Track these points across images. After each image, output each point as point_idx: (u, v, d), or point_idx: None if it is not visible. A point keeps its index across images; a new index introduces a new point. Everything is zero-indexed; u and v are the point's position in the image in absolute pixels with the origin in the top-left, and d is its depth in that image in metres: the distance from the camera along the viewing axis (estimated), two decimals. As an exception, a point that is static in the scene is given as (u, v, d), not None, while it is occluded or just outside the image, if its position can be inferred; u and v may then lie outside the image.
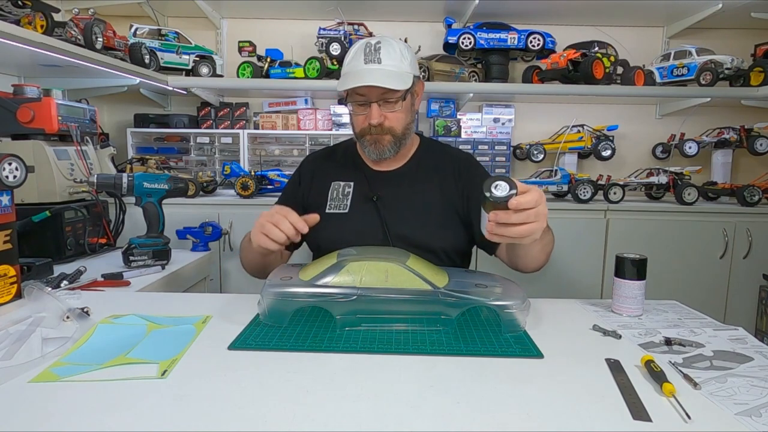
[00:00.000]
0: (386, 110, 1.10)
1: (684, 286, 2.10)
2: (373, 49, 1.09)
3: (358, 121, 1.14)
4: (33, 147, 1.37)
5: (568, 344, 0.79)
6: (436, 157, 1.25)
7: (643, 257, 0.93)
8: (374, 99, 1.09)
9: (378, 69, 1.07)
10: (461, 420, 0.56)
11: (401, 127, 1.14)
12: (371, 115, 1.09)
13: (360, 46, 1.11)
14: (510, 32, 2.35)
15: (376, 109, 1.09)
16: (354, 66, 1.10)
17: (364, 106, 1.11)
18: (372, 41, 1.10)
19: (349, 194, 1.19)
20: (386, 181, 1.19)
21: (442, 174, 1.21)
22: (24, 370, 0.66)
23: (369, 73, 1.06)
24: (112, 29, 1.91)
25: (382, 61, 1.08)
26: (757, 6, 2.19)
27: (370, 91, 1.08)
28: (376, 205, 1.16)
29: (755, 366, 0.71)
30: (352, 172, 1.22)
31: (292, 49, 2.44)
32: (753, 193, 2.16)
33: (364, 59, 1.09)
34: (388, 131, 1.12)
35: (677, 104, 2.47)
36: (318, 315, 0.87)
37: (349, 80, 1.08)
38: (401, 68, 1.09)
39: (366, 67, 1.08)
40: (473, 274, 0.94)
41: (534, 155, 2.39)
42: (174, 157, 2.39)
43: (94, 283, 1.11)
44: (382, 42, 1.10)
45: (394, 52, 1.10)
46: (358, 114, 1.13)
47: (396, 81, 1.07)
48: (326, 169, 1.25)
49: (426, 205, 1.17)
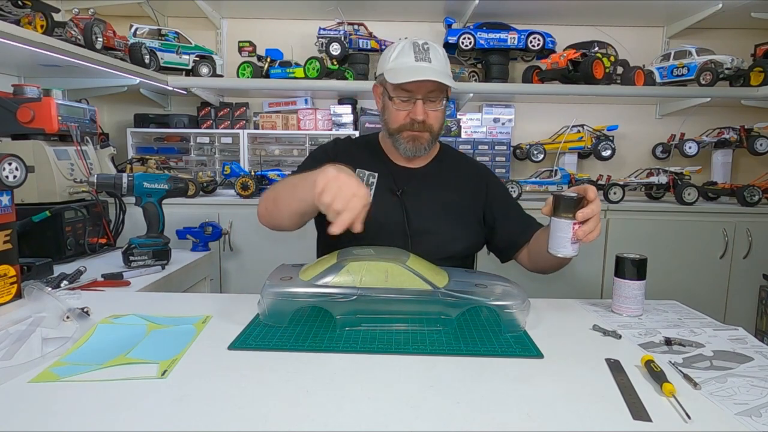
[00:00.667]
0: (429, 108, 1.13)
1: (684, 286, 2.10)
2: (422, 48, 1.12)
3: (398, 117, 1.15)
4: (33, 147, 1.37)
5: (568, 344, 0.79)
6: (456, 162, 1.29)
7: (643, 257, 0.93)
8: (420, 96, 1.11)
9: (429, 67, 1.10)
10: (461, 420, 0.56)
11: (439, 125, 1.17)
12: (416, 111, 1.11)
13: (407, 44, 1.13)
14: (510, 32, 2.35)
15: (421, 105, 1.11)
16: (405, 62, 1.12)
17: (407, 103, 1.13)
18: (419, 41, 1.13)
19: (373, 184, 1.20)
20: (410, 178, 1.22)
21: (463, 178, 1.26)
22: (24, 370, 0.66)
23: (423, 70, 1.09)
24: (112, 29, 1.91)
25: (432, 60, 1.11)
26: (757, 6, 2.19)
27: (419, 88, 1.10)
28: (401, 198, 1.18)
29: (755, 366, 0.71)
30: (377, 164, 1.23)
31: (292, 49, 2.43)
32: (753, 193, 2.16)
33: (415, 57, 1.11)
34: (428, 129, 1.15)
35: (677, 104, 2.47)
36: (318, 315, 0.87)
37: (403, 74, 1.09)
38: (446, 70, 1.14)
39: (418, 65, 1.10)
40: (473, 274, 0.94)
41: (534, 155, 2.39)
42: (174, 157, 2.39)
43: (94, 283, 1.11)
44: (429, 44, 1.13)
45: (440, 54, 1.14)
46: (401, 109, 1.14)
47: (448, 79, 1.10)
48: (352, 154, 1.25)
49: (446, 204, 1.20)
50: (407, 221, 1.16)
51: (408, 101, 1.13)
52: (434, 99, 1.12)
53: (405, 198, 1.18)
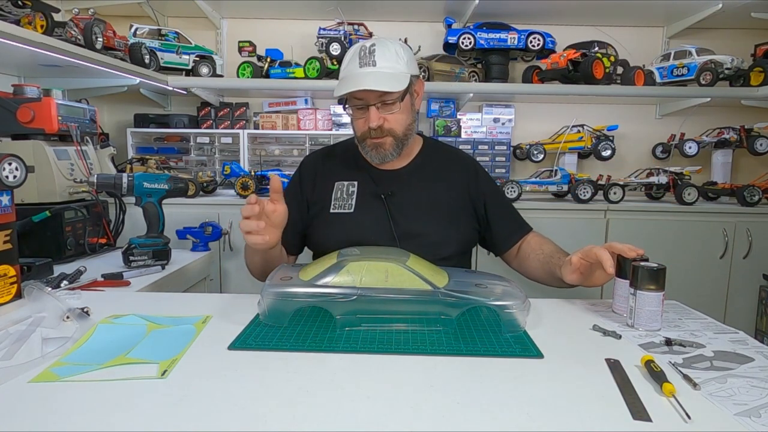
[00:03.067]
0: (385, 112, 1.10)
1: (684, 286, 2.09)
2: (368, 52, 1.09)
3: (358, 125, 1.14)
4: (33, 147, 1.37)
5: (568, 344, 0.79)
6: (440, 157, 1.25)
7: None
8: (372, 102, 1.08)
9: (373, 72, 1.07)
10: (461, 420, 0.56)
11: (401, 128, 1.13)
12: (370, 118, 1.09)
13: (355, 50, 1.11)
14: (510, 32, 2.35)
15: (374, 112, 1.09)
16: (350, 70, 1.10)
17: (362, 110, 1.11)
18: (367, 44, 1.10)
19: (353, 194, 1.18)
20: (392, 180, 1.19)
21: (449, 173, 1.22)
22: (24, 370, 0.66)
23: (364, 77, 1.06)
24: (112, 29, 1.91)
25: (377, 63, 1.07)
26: (757, 6, 2.19)
27: (367, 95, 1.08)
28: (385, 202, 1.15)
29: (755, 366, 0.71)
30: (355, 172, 1.22)
31: (292, 49, 2.43)
32: (753, 193, 2.16)
33: (359, 63, 1.08)
34: (389, 133, 1.12)
35: (677, 104, 2.47)
36: (318, 315, 0.87)
37: (344, 85, 1.08)
38: (397, 69, 1.09)
39: (361, 71, 1.08)
40: (473, 274, 0.94)
41: (534, 155, 2.39)
42: (174, 157, 2.39)
43: (94, 283, 1.11)
44: (377, 44, 1.10)
45: (389, 53, 1.09)
46: (358, 118, 1.13)
47: (391, 83, 1.06)
48: (328, 168, 1.25)
49: (433, 202, 1.17)
50: (393, 225, 1.13)
51: (363, 108, 1.11)
52: (389, 102, 1.09)
53: (389, 201, 1.16)
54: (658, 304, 0.85)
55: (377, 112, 1.09)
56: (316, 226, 1.20)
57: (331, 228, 1.15)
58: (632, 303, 0.87)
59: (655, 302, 0.84)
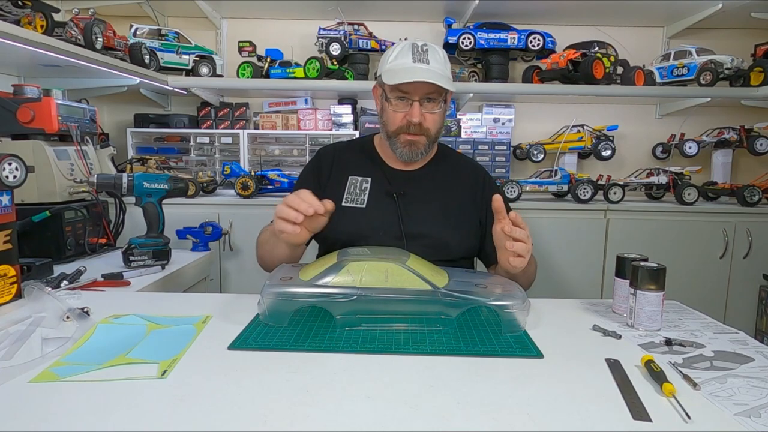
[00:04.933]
0: (426, 111, 1.12)
1: (684, 286, 2.09)
2: (421, 50, 1.11)
3: (395, 119, 1.14)
4: (33, 147, 1.37)
5: (568, 344, 0.79)
6: (453, 163, 1.28)
7: (644, 258, 0.92)
8: (417, 98, 1.10)
9: (427, 69, 1.09)
10: (461, 420, 0.56)
11: (436, 129, 1.15)
12: (413, 113, 1.10)
13: (406, 45, 1.13)
14: (510, 32, 2.35)
15: (418, 107, 1.10)
16: (402, 63, 1.11)
17: (404, 104, 1.12)
18: (418, 42, 1.13)
19: (366, 189, 1.19)
20: (406, 180, 1.21)
21: (460, 179, 1.24)
22: (24, 370, 0.66)
23: (420, 71, 1.08)
24: (112, 29, 1.90)
25: (430, 62, 1.10)
26: (757, 6, 2.19)
27: (416, 89, 1.09)
28: (396, 201, 1.16)
29: (756, 367, 0.71)
30: (370, 168, 1.23)
31: (292, 49, 2.43)
32: (753, 193, 2.16)
33: (413, 58, 1.10)
34: (425, 132, 1.13)
35: (677, 104, 2.47)
36: (318, 315, 0.87)
37: (400, 75, 1.08)
38: (445, 72, 1.12)
39: (415, 65, 1.10)
40: (473, 274, 0.94)
41: (534, 155, 2.39)
42: (174, 157, 2.39)
43: (94, 283, 1.11)
44: (429, 46, 1.13)
45: (439, 56, 1.13)
46: (398, 111, 1.13)
47: (445, 82, 1.08)
48: (345, 161, 1.25)
49: (443, 206, 1.19)
50: (402, 224, 1.14)
51: (405, 103, 1.11)
52: (432, 101, 1.11)
53: (400, 201, 1.17)
54: (658, 304, 0.85)
55: (420, 108, 1.10)
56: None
57: (342, 221, 1.15)
58: (632, 303, 0.87)
59: (655, 302, 0.84)
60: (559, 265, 2.11)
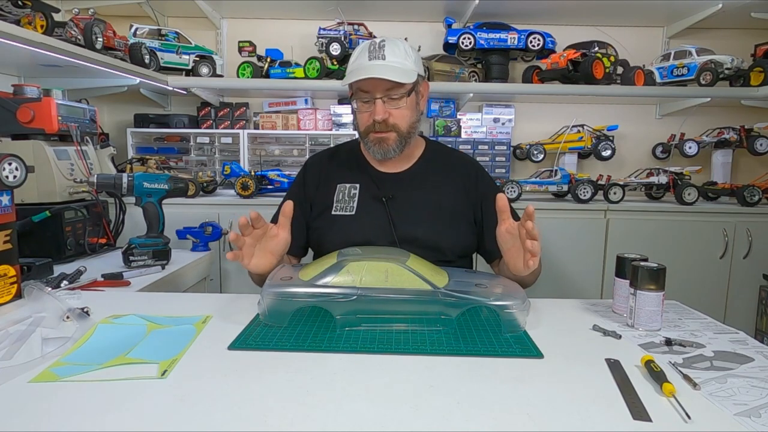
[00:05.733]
0: (391, 107, 1.11)
1: (684, 286, 2.09)
2: (378, 47, 1.10)
3: (362, 119, 1.14)
4: (33, 147, 1.37)
5: (568, 344, 0.79)
6: (443, 160, 1.25)
7: (644, 258, 0.92)
8: (379, 95, 1.09)
9: (382, 64, 1.08)
10: (461, 420, 0.56)
11: (406, 124, 1.13)
12: (375, 110, 1.10)
13: (365, 45, 1.13)
14: (510, 32, 2.35)
15: (380, 104, 1.09)
16: (359, 63, 1.11)
17: (368, 104, 1.12)
18: (377, 40, 1.12)
19: (355, 196, 1.18)
20: (394, 183, 1.19)
21: (451, 177, 1.22)
22: (24, 370, 0.66)
23: (373, 68, 1.08)
24: (112, 29, 1.91)
25: (387, 57, 1.09)
26: (757, 6, 2.19)
27: (374, 87, 1.09)
28: (386, 205, 1.15)
29: (756, 367, 0.71)
30: (358, 174, 1.22)
31: (292, 49, 2.43)
32: (753, 193, 2.16)
33: (369, 56, 1.10)
34: (393, 128, 1.12)
35: (677, 104, 2.47)
36: (318, 315, 0.87)
37: (353, 75, 1.09)
38: (405, 65, 1.11)
39: (370, 63, 1.09)
40: (473, 274, 0.94)
41: (534, 155, 2.39)
42: (174, 157, 2.39)
43: (94, 283, 1.11)
44: (387, 41, 1.12)
45: (398, 49, 1.11)
46: (363, 111, 1.13)
47: (399, 75, 1.07)
48: (331, 170, 1.25)
49: (434, 206, 1.17)
50: (394, 228, 1.13)
51: (369, 102, 1.11)
52: (395, 96, 1.10)
53: (391, 204, 1.15)
54: (658, 304, 0.85)
55: (383, 105, 1.10)
56: (317, 227, 1.19)
57: (332, 230, 1.15)
58: (632, 303, 0.87)
59: (655, 302, 0.84)
60: (559, 265, 2.11)
